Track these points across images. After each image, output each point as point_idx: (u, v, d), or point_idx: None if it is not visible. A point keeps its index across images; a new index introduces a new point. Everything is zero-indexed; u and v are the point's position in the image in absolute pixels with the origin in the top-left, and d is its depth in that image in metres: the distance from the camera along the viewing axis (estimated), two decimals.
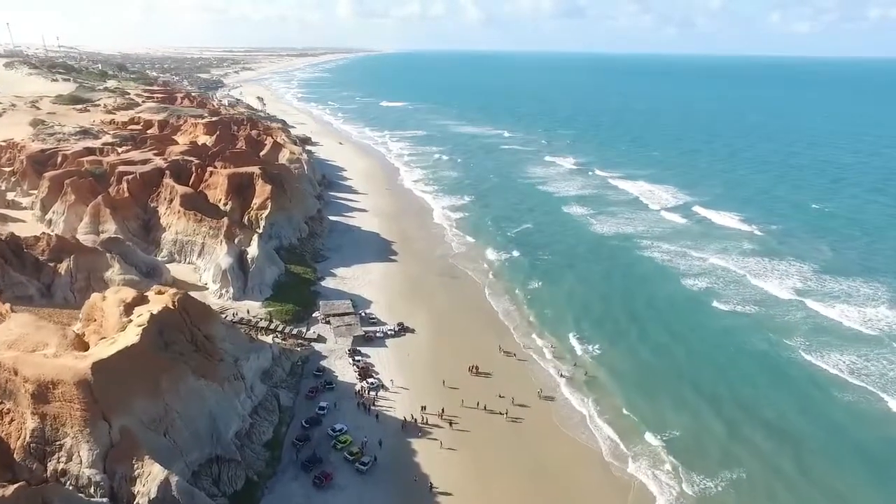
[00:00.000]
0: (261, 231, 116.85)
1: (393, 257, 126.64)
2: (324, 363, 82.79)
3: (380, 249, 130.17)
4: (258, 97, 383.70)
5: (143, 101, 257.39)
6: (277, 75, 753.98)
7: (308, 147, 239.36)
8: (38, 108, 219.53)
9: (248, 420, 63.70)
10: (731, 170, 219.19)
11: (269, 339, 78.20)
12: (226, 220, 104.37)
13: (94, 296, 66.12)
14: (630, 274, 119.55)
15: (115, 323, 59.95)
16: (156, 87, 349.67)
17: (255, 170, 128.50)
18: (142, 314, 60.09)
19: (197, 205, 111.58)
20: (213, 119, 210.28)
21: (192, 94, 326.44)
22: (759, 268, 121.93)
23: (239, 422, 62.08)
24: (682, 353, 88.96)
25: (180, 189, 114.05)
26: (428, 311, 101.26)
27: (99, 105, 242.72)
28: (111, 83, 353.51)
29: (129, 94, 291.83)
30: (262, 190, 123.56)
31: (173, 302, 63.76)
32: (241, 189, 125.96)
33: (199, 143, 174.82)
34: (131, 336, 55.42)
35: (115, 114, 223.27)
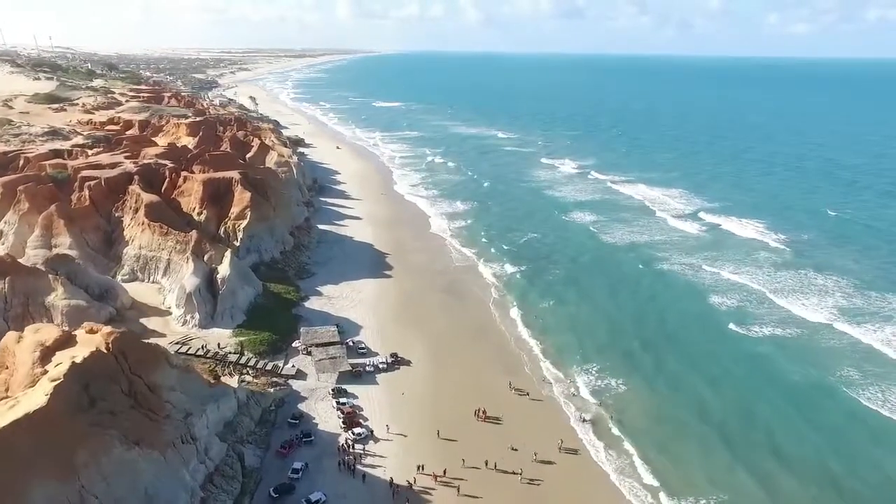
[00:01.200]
0: (238, 244, 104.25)
1: (387, 272, 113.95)
2: (302, 407, 69.89)
3: (373, 263, 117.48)
4: (250, 97, 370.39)
5: (127, 101, 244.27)
6: (274, 76, 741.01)
7: (300, 149, 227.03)
8: (11, 108, 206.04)
9: (200, 493, 50.79)
10: (736, 172, 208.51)
11: (234, 381, 65.20)
12: (194, 233, 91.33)
13: (9, 336, 53.18)
14: (647, 293, 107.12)
15: (25, 374, 47.14)
16: (143, 87, 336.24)
17: (235, 175, 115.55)
18: (61, 363, 47.17)
19: (164, 215, 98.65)
20: (198, 119, 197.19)
21: (182, 94, 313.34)
22: (783, 284, 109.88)
23: (186, 497, 49.19)
24: (709, 390, 76.51)
25: (146, 197, 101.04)
26: (426, 337, 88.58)
27: (77, 104, 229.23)
28: (98, 82, 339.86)
29: (113, 93, 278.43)
30: (241, 197, 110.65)
31: (107, 344, 50.88)
32: (217, 196, 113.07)
33: (180, 145, 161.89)
34: (38, 397, 42.55)
35: (93, 113, 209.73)
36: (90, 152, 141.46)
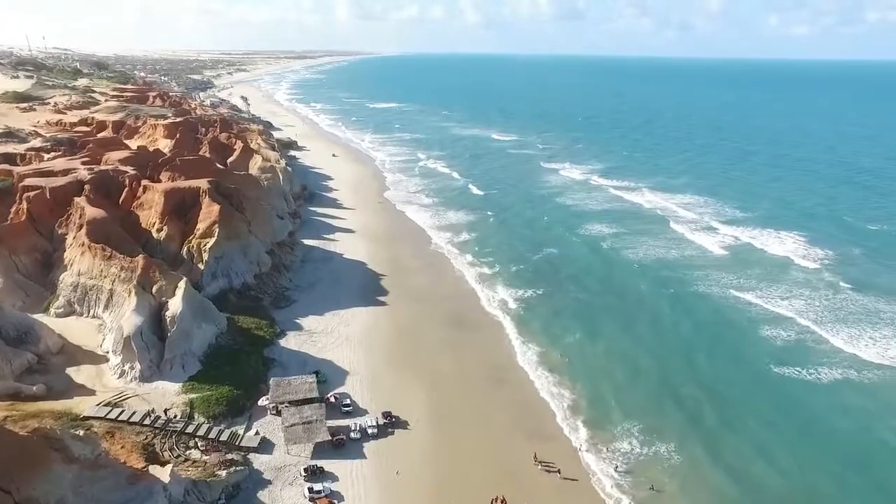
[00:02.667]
0: (203, 267, 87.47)
1: (381, 298, 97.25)
2: (263, 497, 52.95)
3: (365, 287, 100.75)
4: (242, 97, 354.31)
5: (106, 101, 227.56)
6: (272, 77, 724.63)
7: (292, 152, 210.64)
8: None
9: None
10: (746, 177, 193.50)
11: (168, 469, 48.23)
12: (141, 258, 74.39)
13: None
14: (676, 323, 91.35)
15: None
16: (129, 86, 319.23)
17: (203, 184, 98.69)
18: None
19: (111, 234, 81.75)
20: (177, 120, 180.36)
21: (169, 94, 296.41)
22: (829, 313, 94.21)
23: None
24: (763, 462, 60.57)
25: (90, 211, 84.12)
26: (427, 387, 72.03)
27: (49, 104, 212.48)
28: (81, 82, 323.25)
29: (93, 92, 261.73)
30: (209, 210, 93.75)
31: None
32: (182, 209, 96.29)
33: (152, 149, 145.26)
34: None
35: (65, 113, 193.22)
36: (46, 157, 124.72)
